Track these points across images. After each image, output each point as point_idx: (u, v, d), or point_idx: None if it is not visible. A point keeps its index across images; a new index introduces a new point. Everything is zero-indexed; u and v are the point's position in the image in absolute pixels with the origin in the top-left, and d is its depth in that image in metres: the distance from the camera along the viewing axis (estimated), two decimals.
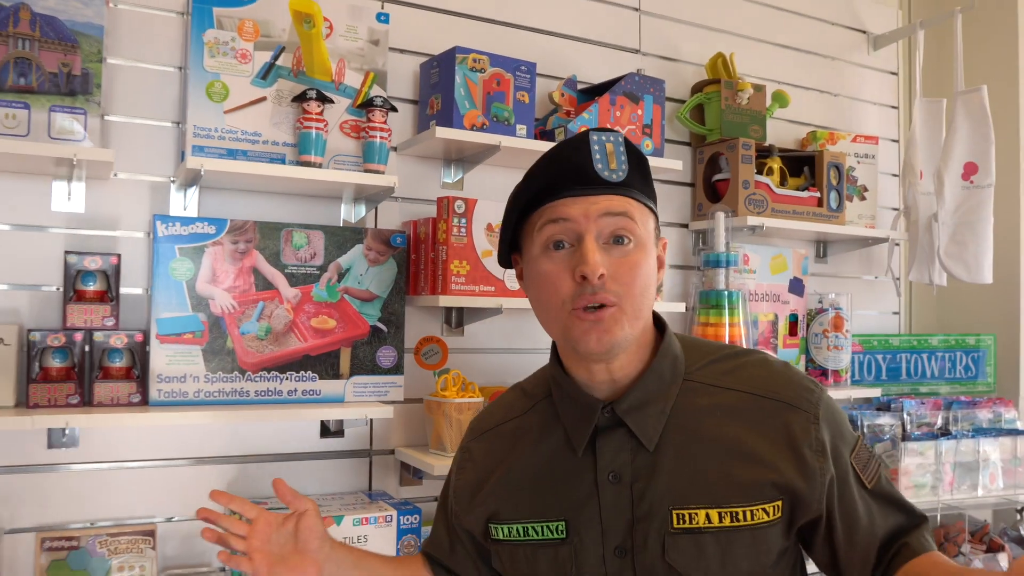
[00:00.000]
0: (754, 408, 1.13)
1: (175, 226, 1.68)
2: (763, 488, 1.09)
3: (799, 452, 1.09)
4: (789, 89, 2.60)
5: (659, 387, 1.13)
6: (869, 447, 1.18)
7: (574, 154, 1.09)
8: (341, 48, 1.82)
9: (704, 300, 2.19)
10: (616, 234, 1.08)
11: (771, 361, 1.19)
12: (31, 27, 1.54)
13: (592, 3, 2.29)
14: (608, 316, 1.06)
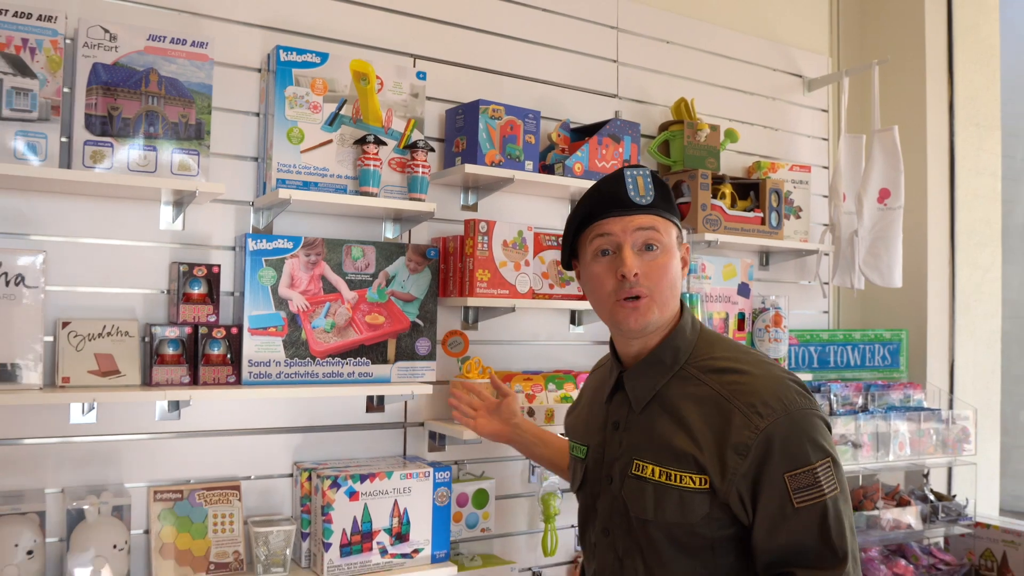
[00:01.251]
0: (716, 405, 1.41)
1: (262, 242, 2.11)
2: (691, 462, 1.40)
3: (723, 449, 1.37)
4: (739, 126, 3.12)
5: (658, 367, 1.50)
6: (823, 480, 1.33)
7: (614, 185, 1.49)
8: (389, 100, 2.27)
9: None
10: (647, 243, 1.48)
11: (760, 378, 1.42)
12: (158, 87, 1.96)
13: (580, 57, 2.78)
14: (643, 304, 1.46)
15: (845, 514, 1.36)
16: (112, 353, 1.97)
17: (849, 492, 1.49)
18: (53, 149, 1.85)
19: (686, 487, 1.40)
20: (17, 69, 1.81)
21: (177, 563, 2.05)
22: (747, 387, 1.40)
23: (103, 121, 1.90)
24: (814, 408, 1.40)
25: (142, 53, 1.94)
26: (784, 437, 1.35)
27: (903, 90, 3.39)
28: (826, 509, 1.34)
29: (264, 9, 2.24)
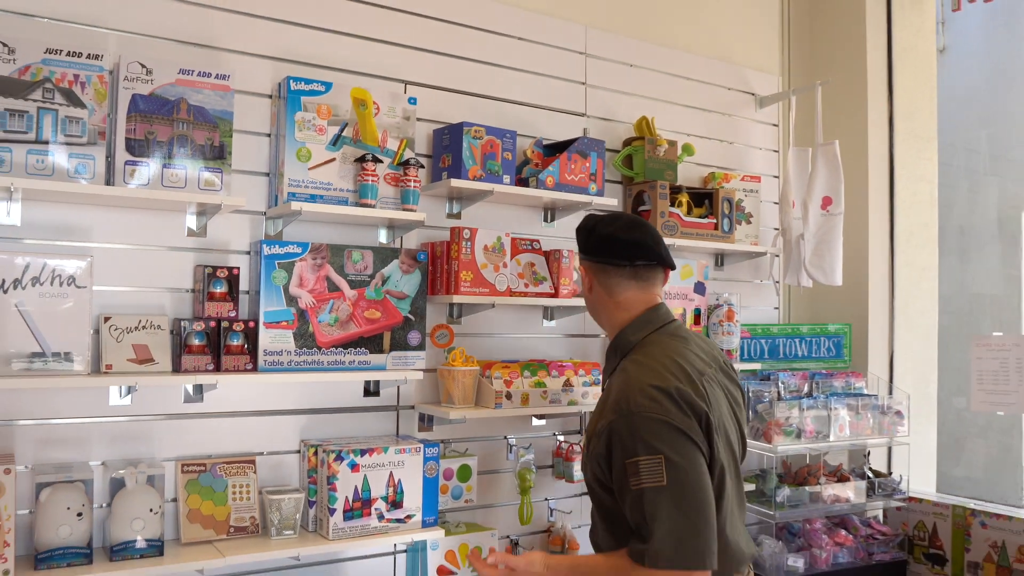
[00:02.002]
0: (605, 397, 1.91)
1: (275, 247, 2.43)
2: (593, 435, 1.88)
3: (592, 430, 1.89)
4: (696, 140, 3.47)
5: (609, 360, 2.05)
6: (644, 472, 1.71)
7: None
8: (384, 122, 2.59)
9: None
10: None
11: (628, 380, 1.84)
12: (187, 114, 2.27)
13: (552, 80, 3.11)
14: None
15: (663, 504, 1.69)
16: (147, 344, 2.29)
17: (691, 490, 1.71)
18: (100, 168, 2.16)
19: (592, 452, 1.87)
20: (70, 101, 2.12)
21: (202, 527, 2.37)
22: (619, 385, 1.84)
23: (140, 144, 2.22)
24: (656, 412, 1.73)
25: (174, 85, 2.25)
26: (617, 431, 1.77)
27: (847, 106, 3.75)
28: (642, 495, 1.71)
29: (275, 42, 2.56)
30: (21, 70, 2.08)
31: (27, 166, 2.08)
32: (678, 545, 1.68)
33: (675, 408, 1.75)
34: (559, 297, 2.88)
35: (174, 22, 2.41)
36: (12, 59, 2.07)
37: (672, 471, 1.71)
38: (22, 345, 2.10)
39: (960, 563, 3.35)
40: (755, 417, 3.32)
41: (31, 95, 2.08)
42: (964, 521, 3.36)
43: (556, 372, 2.83)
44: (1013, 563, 3.18)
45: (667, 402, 1.75)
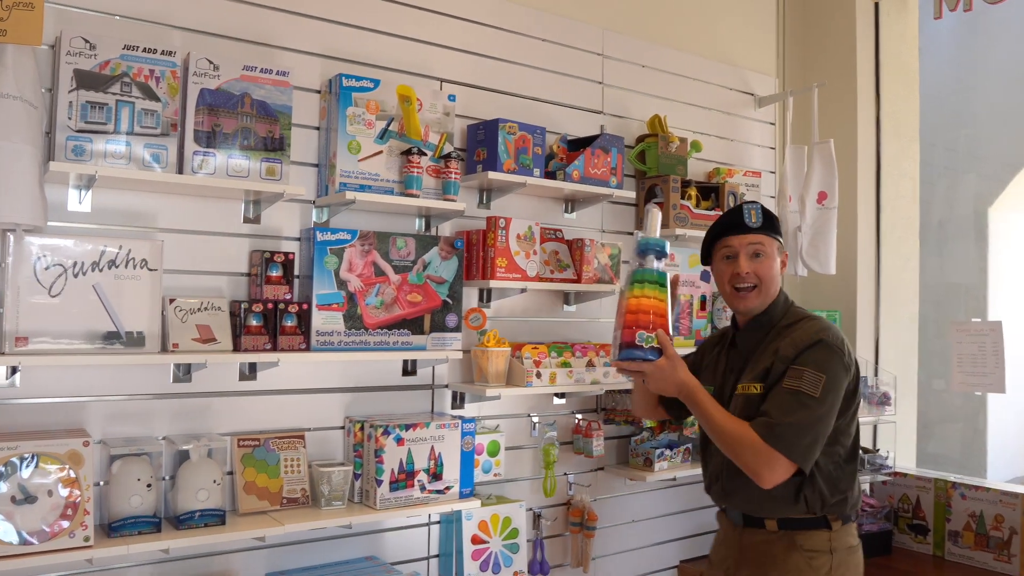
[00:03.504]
0: (786, 338, 2.28)
1: (327, 234, 2.58)
2: (755, 375, 2.29)
3: (775, 360, 2.26)
4: (701, 137, 3.68)
5: (756, 329, 2.37)
6: (805, 378, 2.18)
7: (736, 216, 2.36)
8: (427, 118, 2.75)
9: (640, 277, 2.24)
10: (755, 251, 2.33)
11: (813, 321, 2.31)
12: (251, 108, 2.41)
13: (572, 79, 3.29)
14: (750, 294, 2.33)
15: (804, 407, 2.14)
16: (209, 324, 2.42)
17: (827, 411, 2.18)
18: (172, 158, 2.30)
19: (751, 393, 2.26)
20: (145, 94, 2.25)
21: (257, 498, 2.51)
22: (813, 325, 2.29)
23: (208, 136, 2.35)
24: (841, 350, 2.22)
25: (239, 80, 2.39)
26: (809, 346, 2.21)
27: (839, 107, 3.98)
28: (796, 394, 2.15)
29: (326, 41, 2.70)
30: (101, 65, 2.20)
31: (106, 155, 2.20)
32: (795, 439, 2.13)
33: (850, 356, 2.26)
34: (581, 283, 3.06)
35: (235, 20, 2.54)
36: (93, 54, 2.19)
37: (824, 392, 2.16)
38: (98, 324, 2.23)
39: (941, 532, 3.60)
40: None
41: (110, 88, 2.21)
42: (945, 493, 3.61)
43: (580, 353, 3.01)
44: (990, 531, 3.44)
45: (848, 348, 2.26)
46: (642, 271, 2.22)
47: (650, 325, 2.17)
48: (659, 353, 2.18)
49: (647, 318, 2.17)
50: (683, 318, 3.44)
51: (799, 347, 2.22)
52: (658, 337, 2.18)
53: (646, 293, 2.18)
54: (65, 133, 2.17)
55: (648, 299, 2.18)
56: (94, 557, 2.14)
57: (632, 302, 2.19)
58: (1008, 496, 3.39)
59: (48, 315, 2.17)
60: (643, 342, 2.16)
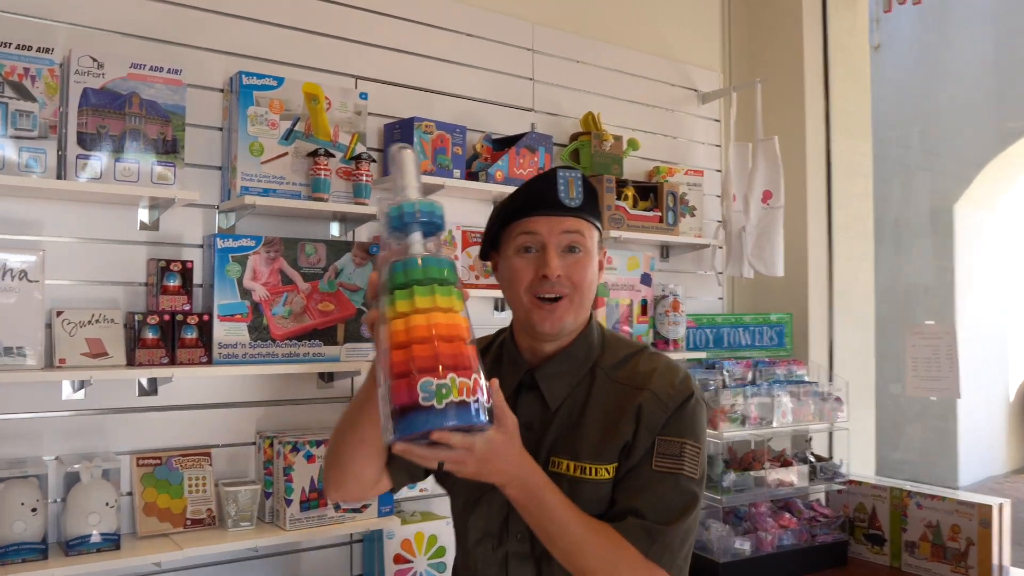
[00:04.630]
0: (627, 396, 1.50)
1: (228, 241, 2.45)
2: (608, 452, 1.47)
3: (639, 427, 1.48)
4: (641, 135, 3.56)
5: (571, 365, 1.55)
6: (686, 455, 1.46)
7: (545, 185, 1.50)
8: (336, 117, 2.63)
9: (402, 276, 1.21)
10: (570, 245, 1.51)
11: (659, 360, 1.56)
12: (139, 108, 2.28)
13: (500, 75, 3.18)
14: (560, 307, 1.50)
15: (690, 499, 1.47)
16: (101, 338, 2.29)
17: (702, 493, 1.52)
18: (51, 162, 2.17)
19: (600, 479, 1.48)
20: (20, 94, 2.12)
21: (159, 520, 2.38)
22: (647, 373, 1.53)
23: (92, 138, 2.22)
24: (703, 401, 1.56)
25: (125, 79, 2.26)
26: (681, 414, 1.50)
27: (786, 102, 3.88)
28: (676, 481, 1.46)
29: (228, 38, 2.58)
30: None
31: None
32: (680, 547, 1.48)
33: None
34: None
35: (127, 16, 2.42)
36: None
37: (703, 470, 1.52)
38: None
39: (898, 542, 3.49)
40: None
41: None
42: (901, 502, 3.50)
43: None
44: (947, 541, 3.33)
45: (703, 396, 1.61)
46: (404, 265, 1.20)
47: (439, 363, 1.14)
48: (483, 416, 1.19)
49: (429, 350, 1.15)
50: (623, 324, 3.32)
51: (668, 407, 1.50)
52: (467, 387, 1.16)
53: (418, 304, 1.17)
54: None
55: (425, 314, 1.17)
56: None
57: (397, 328, 1.17)
58: (964, 506, 3.28)
59: None
60: (434, 398, 1.13)
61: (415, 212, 1.23)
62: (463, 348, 1.17)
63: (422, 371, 1.13)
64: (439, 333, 1.16)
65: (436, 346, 1.14)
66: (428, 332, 1.15)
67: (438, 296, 1.19)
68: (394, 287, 1.20)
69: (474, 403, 1.16)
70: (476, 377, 1.17)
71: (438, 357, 1.14)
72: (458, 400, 1.14)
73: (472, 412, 1.16)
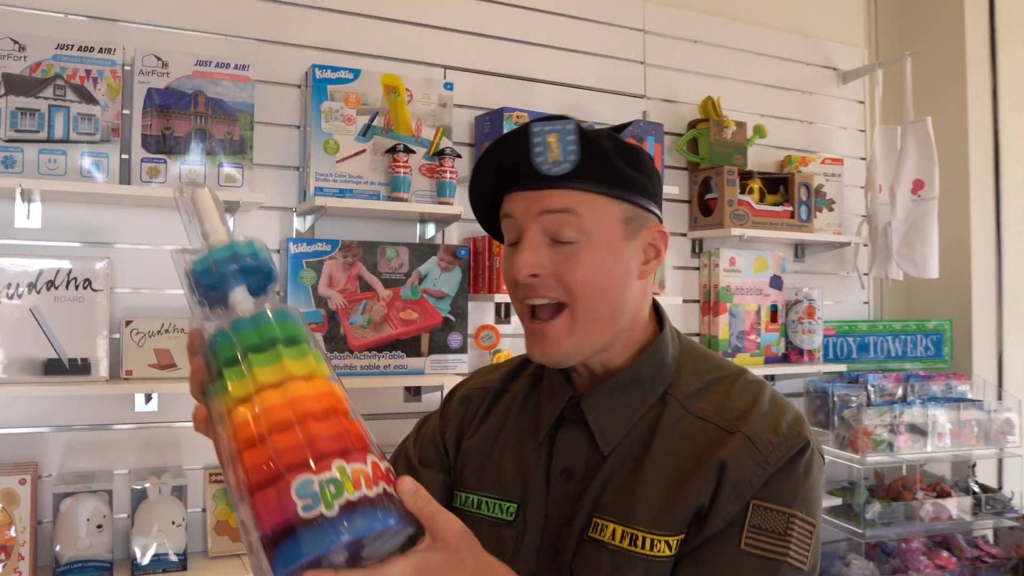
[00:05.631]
0: (709, 438, 1.01)
1: (302, 246, 2.30)
2: (673, 517, 0.98)
3: (721, 483, 0.98)
4: (771, 120, 3.18)
5: (635, 391, 1.06)
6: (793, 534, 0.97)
7: (514, 147, 1.02)
8: (418, 110, 2.43)
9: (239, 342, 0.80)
10: (556, 234, 1.01)
11: (760, 392, 1.06)
12: (206, 107, 2.16)
13: (605, 60, 2.89)
14: (553, 329, 1.02)
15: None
16: (169, 348, 2.19)
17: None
18: (114, 166, 2.07)
19: (657, 555, 0.98)
20: (82, 97, 2.04)
21: (230, 539, 2.26)
22: (743, 409, 1.03)
23: (157, 140, 2.12)
24: (820, 455, 1.05)
25: (191, 77, 2.15)
26: (785, 475, 1.00)
27: (942, 77, 3.38)
28: (777, 570, 0.96)
29: (303, 30, 2.43)
30: (32, 67, 2.01)
31: (39, 166, 2.00)
32: None
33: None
34: None
35: (193, 12, 2.31)
36: (23, 56, 2.00)
37: (815, 555, 1.00)
38: (38, 351, 2.03)
39: None
40: (841, 424, 3.02)
41: (42, 93, 2.01)
42: None
43: None
44: None
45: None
46: (233, 328, 0.80)
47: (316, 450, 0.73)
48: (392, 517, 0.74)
49: (296, 437, 0.74)
50: (749, 333, 2.96)
51: (769, 460, 0.99)
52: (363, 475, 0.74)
53: (261, 379, 0.77)
54: None
55: (277, 388, 0.77)
56: None
57: (241, 419, 0.75)
58: None
59: None
60: (320, 502, 0.71)
61: (230, 257, 0.85)
62: (344, 424, 0.78)
63: (292, 468, 0.73)
64: (305, 409, 0.76)
65: (306, 428, 0.75)
66: (288, 412, 0.76)
67: (287, 360, 0.79)
68: (224, 365, 0.79)
69: (381, 498, 0.75)
70: (375, 460, 0.77)
71: (312, 443, 0.74)
72: (356, 497, 0.73)
73: (380, 514, 0.74)
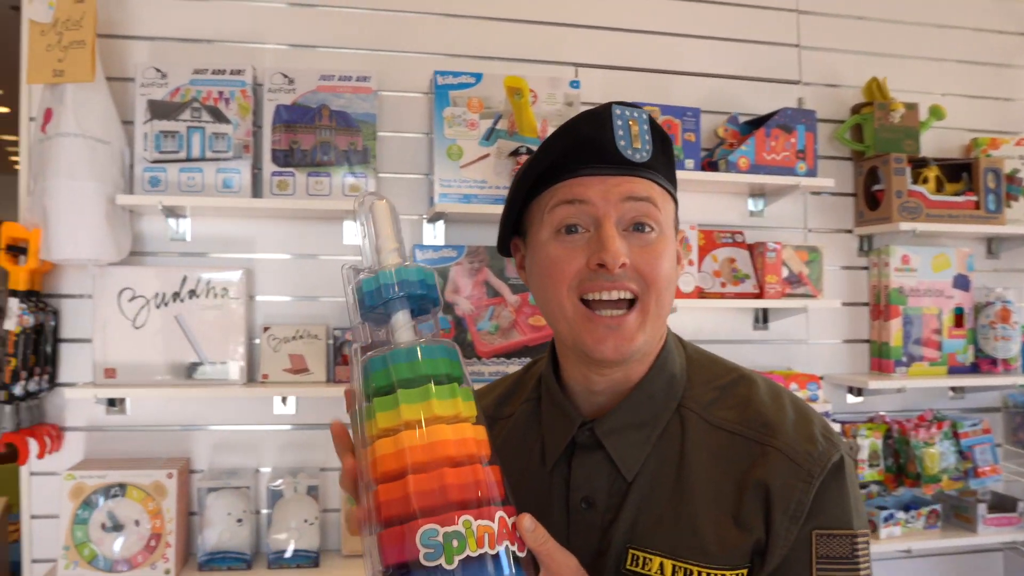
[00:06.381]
0: (742, 452, 0.96)
1: (429, 252, 2.32)
2: (730, 553, 0.93)
3: (772, 510, 0.93)
4: (952, 99, 2.82)
5: (649, 409, 1.00)
6: (859, 554, 0.93)
7: (595, 128, 0.95)
8: (543, 111, 2.38)
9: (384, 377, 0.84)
10: (638, 221, 0.96)
11: (778, 395, 1.01)
12: (329, 120, 2.23)
13: (753, 45, 2.68)
14: (630, 321, 0.95)
15: None
16: (303, 354, 2.28)
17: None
18: (246, 181, 2.19)
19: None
20: (215, 118, 2.17)
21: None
22: (769, 416, 0.98)
23: (285, 154, 2.21)
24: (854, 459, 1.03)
25: (315, 92, 2.23)
26: (830, 486, 0.95)
27: None
28: None
29: (426, 38, 2.45)
30: (172, 92, 2.16)
31: (180, 184, 2.15)
32: None
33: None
34: (764, 298, 2.46)
35: (318, 29, 2.39)
36: (164, 83, 2.16)
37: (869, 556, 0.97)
38: (182, 355, 2.18)
39: None
40: None
41: (181, 116, 2.16)
42: None
43: None
44: None
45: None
46: (385, 360, 0.84)
47: (446, 500, 0.78)
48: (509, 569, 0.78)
49: (431, 482, 0.79)
50: (926, 341, 2.64)
51: (812, 475, 0.93)
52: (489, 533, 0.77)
53: (406, 415, 0.81)
54: (142, 164, 2.15)
55: (421, 429, 0.81)
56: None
57: (383, 452, 0.81)
58: None
59: (133, 347, 2.16)
60: (442, 554, 0.76)
61: (395, 284, 0.87)
62: (479, 473, 0.81)
63: (422, 514, 0.78)
64: (442, 455, 0.80)
65: (440, 475, 0.79)
66: (426, 455, 0.80)
67: (435, 401, 0.82)
68: (374, 393, 0.84)
69: (498, 556, 0.79)
70: (502, 515, 0.80)
71: (443, 492, 0.79)
72: (476, 555, 0.77)
73: (501, 570, 0.78)
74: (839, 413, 2.66)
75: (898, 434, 2.56)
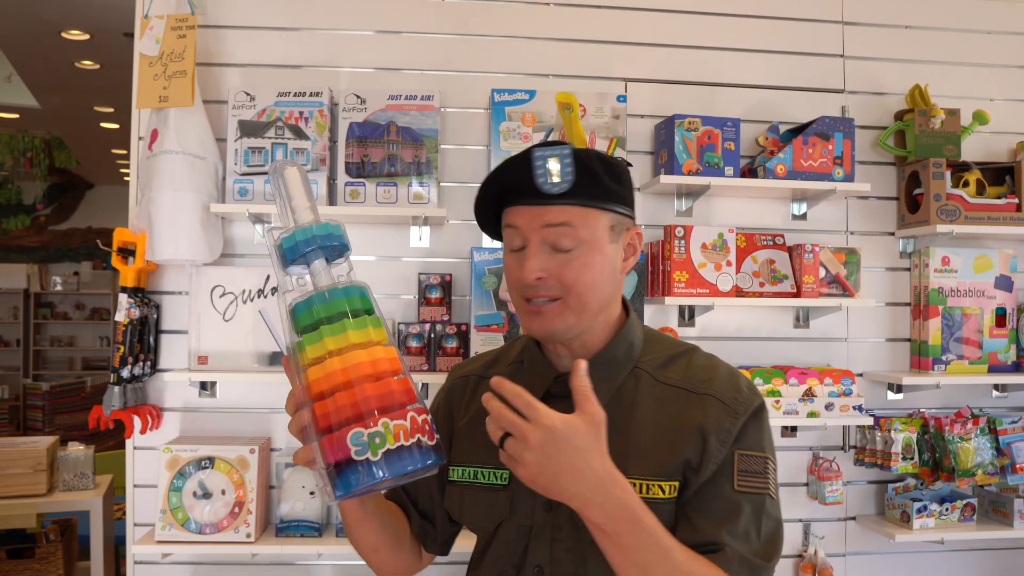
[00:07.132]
0: (684, 400, 1.28)
1: (485, 254, 2.54)
2: (663, 467, 1.24)
3: (706, 437, 1.24)
4: (1000, 104, 2.88)
5: (611, 368, 1.31)
6: (769, 472, 1.26)
7: (518, 170, 1.24)
8: (592, 124, 2.57)
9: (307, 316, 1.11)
10: (555, 243, 1.24)
11: (717, 361, 1.35)
12: (396, 135, 2.48)
13: (799, 57, 2.81)
14: (548, 309, 1.25)
15: (777, 524, 1.27)
16: None
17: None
18: (322, 191, 2.46)
19: (653, 498, 1.23)
20: (297, 135, 2.44)
21: None
22: (707, 377, 1.31)
23: (357, 166, 2.47)
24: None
25: (384, 110, 2.48)
26: (751, 423, 1.28)
27: None
28: (762, 503, 1.25)
29: (487, 59, 2.68)
30: (259, 113, 2.44)
31: (265, 194, 2.43)
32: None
33: None
34: (801, 297, 2.60)
35: (388, 52, 2.64)
36: (252, 105, 2.44)
37: (777, 481, 1.31)
38: (265, 345, 2.46)
39: None
40: None
41: (266, 133, 2.44)
42: None
43: (795, 380, 2.56)
44: None
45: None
46: (307, 303, 1.10)
47: (366, 408, 1.04)
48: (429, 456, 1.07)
49: (352, 396, 1.04)
50: (967, 339, 2.73)
51: (739, 414, 1.27)
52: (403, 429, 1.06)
53: (330, 346, 1.07)
54: (233, 177, 2.44)
55: (340, 355, 1.07)
56: (255, 552, 2.37)
57: (314, 377, 1.07)
58: None
59: (223, 337, 2.46)
60: (368, 450, 1.01)
61: (311, 238, 1.11)
62: (391, 385, 1.07)
63: (349, 421, 1.03)
64: (361, 374, 1.05)
65: (361, 390, 1.04)
66: (347, 376, 1.05)
67: (351, 332, 1.08)
68: (301, 331, 1.10)
69: (415, 446, 1.05)
70: (413, 414, 1.07)
71: (364, 402, 1.04)
72: (395, 447, 1.03)
73: (416, 457, 1.05)
74: (878, 409, 2.77)
75: (934, 429, 2.66)
